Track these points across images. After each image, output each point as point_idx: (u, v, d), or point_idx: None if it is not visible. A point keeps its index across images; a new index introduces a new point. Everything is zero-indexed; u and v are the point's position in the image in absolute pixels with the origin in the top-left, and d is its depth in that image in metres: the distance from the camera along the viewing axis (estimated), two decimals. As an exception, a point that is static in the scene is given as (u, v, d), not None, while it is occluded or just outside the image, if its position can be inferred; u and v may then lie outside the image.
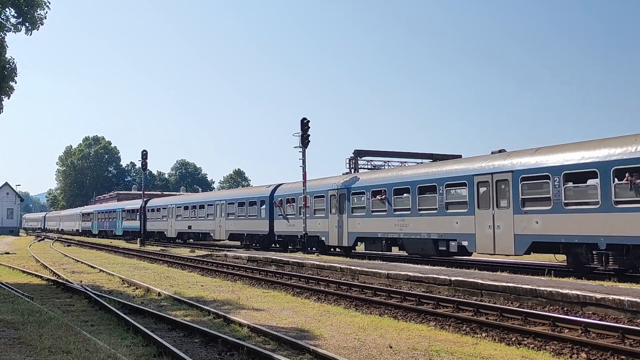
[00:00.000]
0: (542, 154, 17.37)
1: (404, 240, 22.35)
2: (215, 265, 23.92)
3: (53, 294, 14.79)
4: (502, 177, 18.06)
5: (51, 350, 7.47)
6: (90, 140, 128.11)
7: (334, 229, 26.32)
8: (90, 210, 71.57)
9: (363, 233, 24.63)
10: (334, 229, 26.32)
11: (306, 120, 30.07)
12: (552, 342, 8.93)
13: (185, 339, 9.10)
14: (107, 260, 27.39)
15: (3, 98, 17.56)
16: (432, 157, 43.59)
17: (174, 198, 56.38)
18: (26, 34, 16.66)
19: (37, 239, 60.16)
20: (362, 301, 13.41)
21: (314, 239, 27.97)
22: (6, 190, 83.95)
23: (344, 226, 25.67)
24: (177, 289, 15.46)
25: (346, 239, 25.56)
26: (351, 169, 43.37)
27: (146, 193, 52.69)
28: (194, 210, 42.19)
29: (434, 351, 8.16)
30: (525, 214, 17.17)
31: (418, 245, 21.64)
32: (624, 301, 10.52)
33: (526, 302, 12.34)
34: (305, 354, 7.74)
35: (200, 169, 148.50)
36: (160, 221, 48.47)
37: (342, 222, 25.78)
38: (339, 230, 25.97)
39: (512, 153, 18.84)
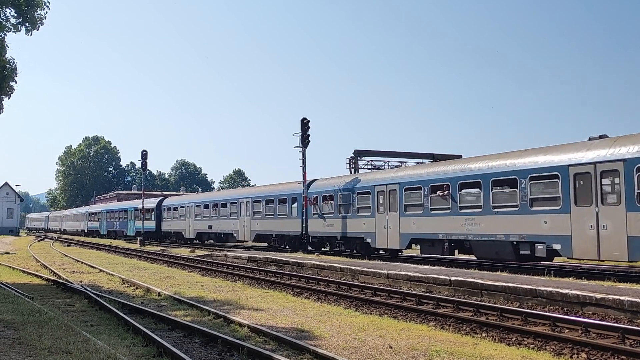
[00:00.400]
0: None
1: (473, 243, 19.40)
2: (215, 265, 23.93)
3: (53, 294, 14.78)
4: (610, 168, 15.35)
5: (51, 350, 7.47)
6: (90, 140, 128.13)
7: (382, 230, 23.50)
8: (98, 210, 67.80)
9: (420, 234, 21.70)
10: (382, 229, 23.48)
11: (306, 120, 30.09)
12: (552, 342, 8.93)
13: (185, 339, 9.10)
14: (107, 260, 27.39)
15: (3, 98, 17.57)
16: (432, 157, 43.57)
17: (192, 196, 53.39)
18: (26, 34, 16.65)
19: (37, 239, 60.19)
20: (362, 301, 13.41)
21: (355, 240, 25.43)
22: (6, 190, 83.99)
23: (395, 226, 22.84)
24: (177, 289, 15.46)
25: (398, 240, 22.67)
26: (351, 169, 43.38)
27: (146, 193, 52.60)
28: (215, 209, 39.29)
29: (434, 351, 8.16)
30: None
31: (492, 248, 18.73)
32: (624, 301, 10.52)
33: (526, 302, 12.34)
34: (305, 354, 7.74)
35: (200, 169, 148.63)
36: (177, 221, 45.58)
37: (393, 221, 22.95)
38: (389, 231, 23.14)
39: (620, 139, 15.94)
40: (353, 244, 25.66)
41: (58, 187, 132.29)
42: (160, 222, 47.64)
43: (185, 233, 44.09)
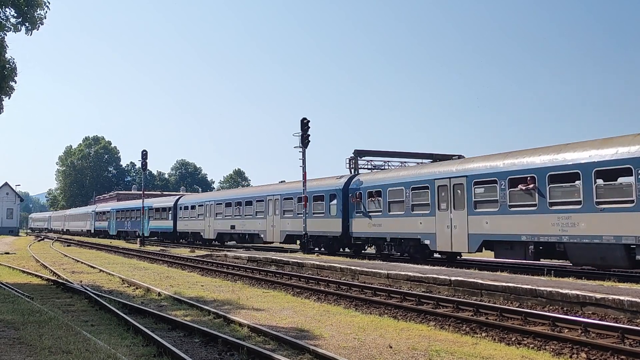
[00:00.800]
0: None
1: (568, 246, 16.33)
2: (215, 265, 23.93)
3: (53, 294, 14.79)
4: None
5: (51, 350, 7.48)
6: (90, 140, 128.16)
7: (445, 230, 20.30)
8: (107, 209, 63.71)
9: (495, 235, 18.51)
10: (445, 229, 20.30)
11: (306, 120, 30.09)
12: (552, 342, 8.94)
13: (185, 339, 9.10)
14: (107, 260, 27.40)
15: (3, 98, 17.58)
16: (432, 157, 43.58)
17: (212, 193, 49.88)
18: (26, 34, 16.67)
19: (37, 239, 60.20)
20: (362, 301, 13.42)
21: (409, 242, 22.40)
22: (6, 190, 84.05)
23: (461, 226, 19.61)
24: (177, 289, 15.47)
25: (465, 242, 19.41)
26: (351, 169, 43.38)
27: (146, 193, 52.55)
28: (239, 207, 36.13)
29: (434, 351, 8.17)
30: None
31: (595, 252, 15.62)
32: (623, 301, 10.53)
33: (526, 302, 12.35)
34: (305, 354, 7.74)
35: (200, 169, 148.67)
36: (196, 220, 42.33)
37: (459, 220, 19.75)
38: (454, 232, 19.95)
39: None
40: (406, 246, 22.72)
41: (58, 187, 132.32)
42: (176, 222, 44.69)
43: (204, 233, 40.87)
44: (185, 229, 44.08)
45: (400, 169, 23.94)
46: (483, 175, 19.19)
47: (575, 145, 17.04)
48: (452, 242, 20.05)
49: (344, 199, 26.33)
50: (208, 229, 40.30)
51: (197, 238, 42.41)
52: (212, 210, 39.75)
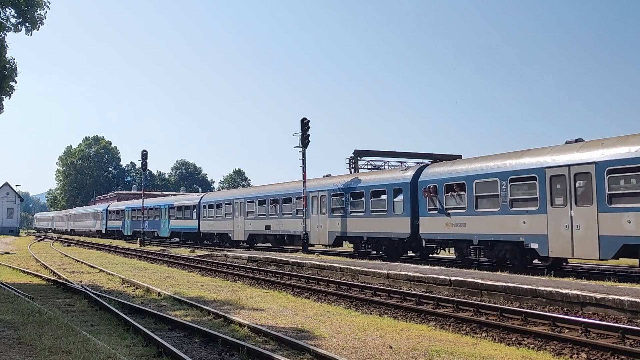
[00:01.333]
0: None
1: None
2: (215, 265, 23.93)
3: (53, 294, 14.79)
4: None
5: (51, 350, 7.47)
6: (90, 140, 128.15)
7: (563, 231, 16.53)
8: (120, 207, 58.69)
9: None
10: (563, 230, 16.52)
11: (306, 120, 30.09)
12: (552, 342, 8.93)
13: (185, 339, 9.10)
14: (107, 260, 27.40)
15: (3, 98, 17.58)
16: (432, 157, 43.59)
17: (244, 190, 44.44)
18: (26, 34, 16.68)
19: (37, 239, 60.17)
20: (362, 301, 13.41)
21: (505, 245, 18.49)
22: (6, 190, 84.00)
23: (588, 226, 15.83)
24: (177, 289, 15.46)
25: (596, 245, 15.56)
26: (351, 168, 43.38)
27: (146, 193, 52.51)
28: (275, 205, 32.44)
29: (434, 351, 8.16)
30: None
31: None
32: (624, 301, 10.52)
33: (526, 302, 12.34)
34: (305, 354, 7.74)
35: (200, 169, 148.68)
36: (223, 220, 38.17)
37: (584, 219, 16.01)
38: (576, 233, 16.20)
39: None
40: (500, 250, 18.77)
41: (58, 187, 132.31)
42: (201, 221, 40.98)
43: (233, 235, 36.78)
44: (210, 230, 40.14)
45: (491, 157, 20.03)
46: (624, 161, 15.27)
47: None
48: (575, 245, 16.25)
49: (412, 194, 22.60)
50: (238, 230, 36.26)
51: (225, 239, 38.54)
52: (243, 208, 35.77)
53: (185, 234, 44.23)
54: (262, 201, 34.05)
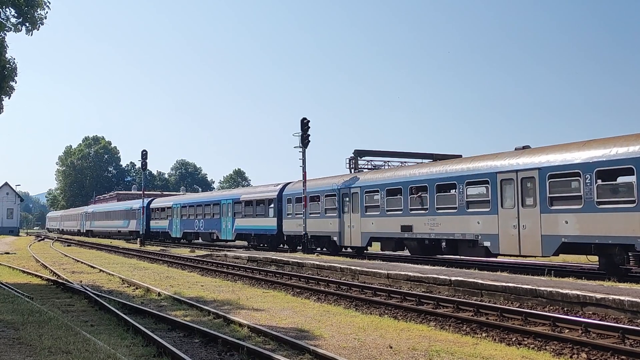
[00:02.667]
0: None
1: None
2: (215, 265, 23.92)
3: (53, 294, 14.78)
4: None
5: (51, 350, 7.47)
6: (90, 140, 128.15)
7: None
8: (166, 204, 49.14)
9: None
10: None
11: (306, 120, 30.08)
12: (552, 342, 8.93)
13: (185, 339, 9.10)
14: (107, 260, 27.39)
15: (3, 98, 17.58)
16: (432, 157, 43.54)
17: (364, 176, 26.97)
18: (26, 34, 16.69)
19: (37, 239, 60.15)
20: (362, 301, 13.40)
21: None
22: (6, 190, 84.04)
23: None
24: (177, 289, 15.46)
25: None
26: (351, 168, 43.36)
27: (146, 193, 52.42)
28: (423, 197, 21.45)
29: (434, 351, 8.16)
30: None
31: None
32: (624, 301, 10.52)
33: (526, 302, 12.34)
34: (305, 354, 7.73)
35: (200, 169, 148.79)
36: (321, 219, 27.74)
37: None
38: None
39: None
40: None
41: (58, 187, 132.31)
42: (282, 220, 31.42)
43: (340, 237, 26.32)
44: (295, 231, 29.70)
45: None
46: None
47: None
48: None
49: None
50: (348, 231, 25.75)
51: (324, 243, 28.05)
52: (359, 201, 24.92)
53: (259, 237, 34.22)
54: (392, 191, 23.25)
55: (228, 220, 37.40)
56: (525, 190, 17.45)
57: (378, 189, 24.13)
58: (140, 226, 49.68)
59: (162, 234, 49.09)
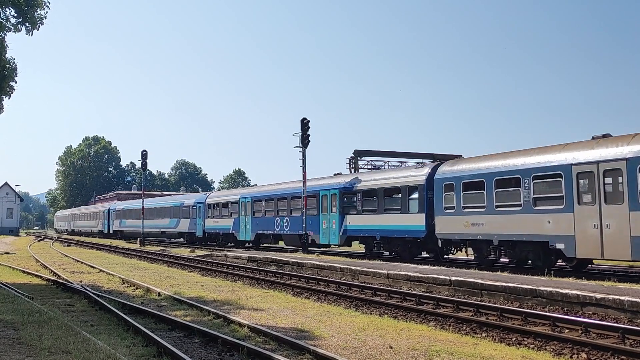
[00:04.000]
0: None
1: None
2: (215, 265, 23.92)
3: (53, 294, 14.78)
4: None
5: (51, 350, 7.47)
6: (90, 140, 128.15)
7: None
8: (230, 198, 37.67)
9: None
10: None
11: (306, 120, 30.07)
12: (552, 342, 8.93)
13: (185, 339, 9.09)
14: (107, 260, 27.39)
15: (3, 98, 17.59)
16: (432, 157, 43.57)
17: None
18: (26, 34, 16.71)
19: (37, 238, 60.12)
20: (362, 301, 13.41)
21: None
22: (6, 190, 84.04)
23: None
24: (177, 289, 15.46)
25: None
26: (351, 168, 43.38)
27: (146, 193, 52.27)
28: None
29: (434, 351, 8.16)
30: None
31: None
32: (624, 301, 10.52)
33: (526, 302, 12.34)
34: (305, 354, 7.73)
35: (200, 169, 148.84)
36: (515, 215, 18.11)
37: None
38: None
39: None
40: None
41: (58, 187, 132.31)
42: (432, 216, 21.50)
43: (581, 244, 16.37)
44: (463, 233, 19.92)
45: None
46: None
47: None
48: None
49: None
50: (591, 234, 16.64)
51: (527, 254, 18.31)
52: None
53: (388, 241, 23.89)
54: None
55: (332, 217, 26.87)
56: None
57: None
58: (196, 226, 41.04)
59: (223, 236, 38.20)
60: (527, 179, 17.54)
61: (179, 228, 44.64)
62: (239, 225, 35.72)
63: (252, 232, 34.21)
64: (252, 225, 34.15)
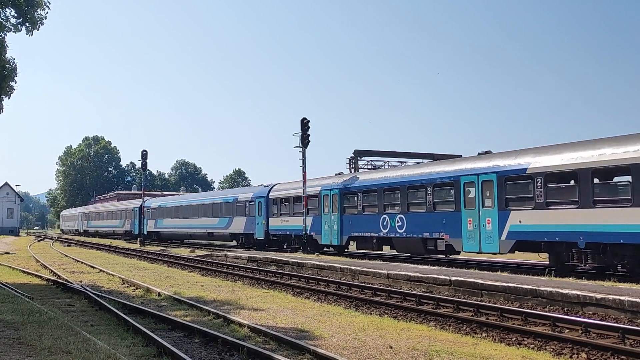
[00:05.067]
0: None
1: None
2: (215, 265, 23.91)
3: (53, 294, 14.78)
4: None
5: (51, 350, 7.47)
6: (90, 140, 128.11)
7: None
8: (310, 190, 28.41)
9: None
10: None
11: (306, 120, 30.05)
12: (552, 342, 8.93)
13: (185, 339, 9.09)
14: (107, 260, 27.38)
15: (3, 98, 17.58)
16: (432, 157, 43.57)
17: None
18: (26, 34, 16.70)
19: (37, 239, 60.09)
20: (362, 301, 13.40)
21: None
22: (6, 190, 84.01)
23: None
24: (177, 289, 15.45)
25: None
26: (351, 168, 43.36)
27: (146, 193, 52.15)
28: None
29: (434, 351, 8.16)
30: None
31: None
32: (624, 301, 10.51)
33: (526, 302, 12.33)
34: (305, 354, 7.73)
35: (200, 169, 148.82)
36: None
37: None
38: None
39: None
40: None
41: (58, 187, 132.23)
42: None
43: None
44: None
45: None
46: None
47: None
48: None
49: None
50: None
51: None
52: None
53: (607, 249, 15.27)
54: None
55: (487, 214, 18.58)
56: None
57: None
58: (255, 226, 33.52)
59: (294, 239, 30.19)
60: None
61: (231, 229, 36.88)
62: (321, 225, 27.82)
63: (341, 234, 26.40)
64: (342, 226, 26.28)
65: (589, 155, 15.77)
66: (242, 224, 35.03)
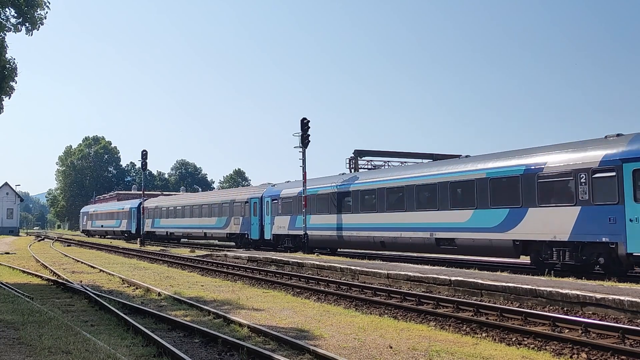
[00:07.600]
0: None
1: None
2: (215, 265, 23.91)
3: (53, 294, 14.78)
4: None
5: (51, 350, 7.47)
6: (90, 140, 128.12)
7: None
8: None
9: None
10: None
11: (306, 120, 30.07)
12: (552, 342, 8.93)
13: (185, 339, 9.09)
14: (107, 260, 27.38)
15: (3, 98, 17.57)
16: (432, 157, 43.61)
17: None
18: (26, 34, 16.68)
19: (37, 238, 60.08)
20: (362, 301, 13.40)
21: None
22: (6, 190, 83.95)
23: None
24: (177, 289, 15.46)
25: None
26: (351, 168, 43.38)
27: (146, 193, 52.12)
28: None
29: (434, 351, 8.16)
30: None
31: None
32: (624, 301, 10.52)
33: (526, 302, 12.34)
34: (305, 354, 7.73)
35: (200, 169, 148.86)
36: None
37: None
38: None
39: None
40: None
41: (58, 187, 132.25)
42: None
43: None
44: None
45: None
46: None
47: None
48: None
49: None
50: None
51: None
52: None
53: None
54: None
55: None
56: None
57: None
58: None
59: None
60: None
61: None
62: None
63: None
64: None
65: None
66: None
